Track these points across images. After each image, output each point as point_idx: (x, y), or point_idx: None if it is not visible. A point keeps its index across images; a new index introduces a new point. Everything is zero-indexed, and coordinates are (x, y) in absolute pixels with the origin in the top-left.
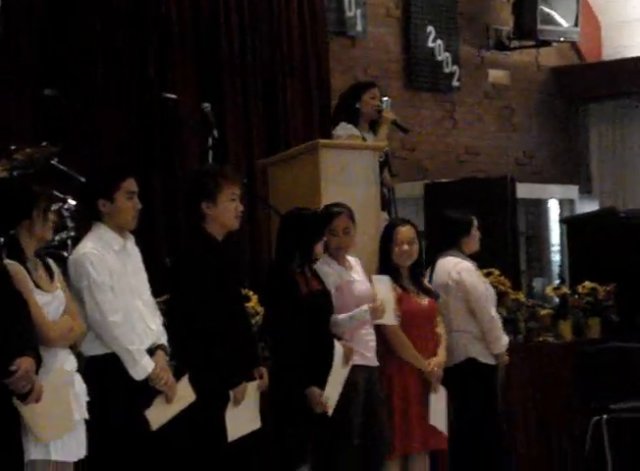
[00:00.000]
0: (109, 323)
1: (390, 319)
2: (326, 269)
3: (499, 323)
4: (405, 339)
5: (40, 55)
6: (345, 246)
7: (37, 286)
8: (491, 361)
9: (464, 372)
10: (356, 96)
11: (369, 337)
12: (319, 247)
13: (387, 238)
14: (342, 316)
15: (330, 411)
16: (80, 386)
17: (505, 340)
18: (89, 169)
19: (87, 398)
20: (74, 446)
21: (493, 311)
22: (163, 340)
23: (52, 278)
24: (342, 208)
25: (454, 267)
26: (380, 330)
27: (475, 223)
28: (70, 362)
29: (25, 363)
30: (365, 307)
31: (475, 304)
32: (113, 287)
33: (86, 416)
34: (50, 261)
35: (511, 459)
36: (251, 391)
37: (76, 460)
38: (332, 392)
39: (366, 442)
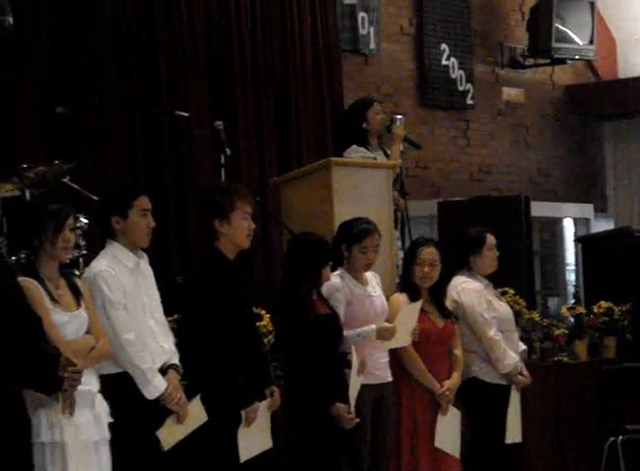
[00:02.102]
0: (122, 341)
1: (401, 342)
2: (338, 282)
3: (499, 344)
4: (418, 358)
5: (51, 73)
6: (371, 262)
7: (56, 304)
8: (498, 381)
9: (468, 391)
10: (361, 115)
11: (379, 353)
12: (327, 271)
13: (410, 257)
14: (348, 332)
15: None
16: (100, 406)
17: (510, 359)
18: (101, 187)
19: (110, 419)
20: (95, 466)
21: (491, 333)
22: (175, 359)
23: (78, 298)
24: (371, 225)
25: (456, 287)
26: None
27: (489, 241)
28: (90, 383)
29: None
30: (373, 327)
31: (473, 326)
32: (126, 306)
33: (108, 436)
34: (78, 281)
35: None
36: (263, 410)
37: None
38: (351, 401)
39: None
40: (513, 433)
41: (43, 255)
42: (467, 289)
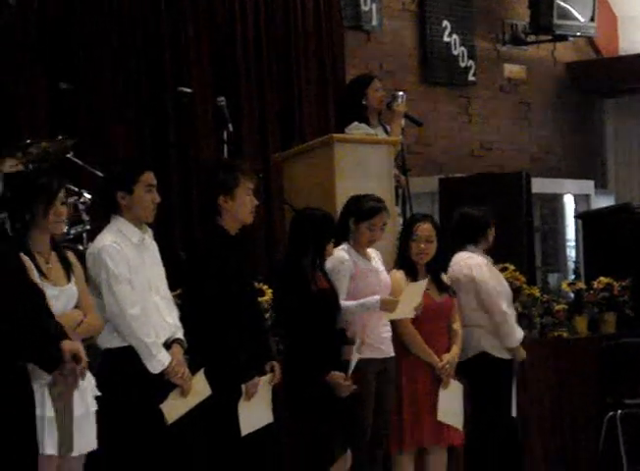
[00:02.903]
0: (127, 316)
1: (404, 313)
2: (344, 256)
3: (511, 318)
4: (417, 333)
5: (55, 48)
6: (376, 240)
7: (45, 278)
8: (505, 355)
9: (477, 366)
10: (360, 92)
11: (383, 328)
12: (330, 247)
13: (406, 233)
14: (352, 302)
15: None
16: (86, 381)
17: (518, 334)
18: (104, 162)
19: (97, 393)
20: (78, 441)
21: (504, 306)
22: (179, 334)
23: (68, 272)
24: (382, 203)
25: (465, 262)
26: (392, 323)
27: (493, 223)
28: None
29: (68, 345)
30: (377, 297)
31: (485, 299)
32: (131, 281)
33: (92, 410)
34: (70, 255)
35: (526, 453)
36: (264, 385)
37: (84, 453)
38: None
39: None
40: (513, 406)
41: (34, 229)
42: (478, 264)
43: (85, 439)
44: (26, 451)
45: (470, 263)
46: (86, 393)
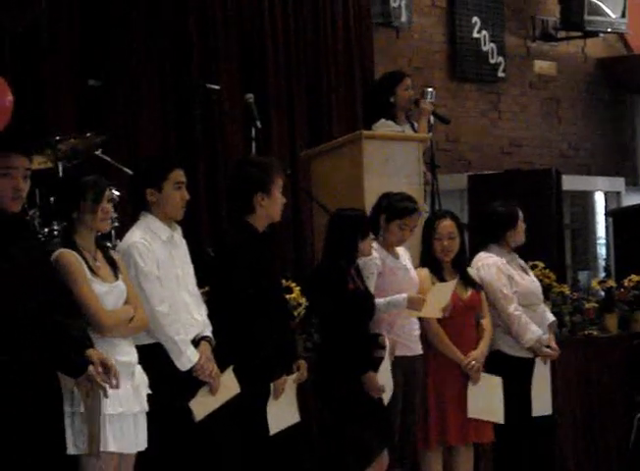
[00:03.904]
0: (155, 313)
1: (432, 313)
2: (373, 254)
3: (519, 319)
4: (442, 331)
5: (84, 46)
6: (405, 240)
7: (96, 275)
8: (523, 354)
9: (493, 364)
10: (390, 90)
11: (412, 326)
12: (366, 245)
13: (428, 231)
14: (379, 300)
15: (386, 400)
16: (140, 377)
17: (530, 334)
18: (133, 160)
19: (149, 391)
20: (133, 438)
21: (510, 308)
22: (208, 331)
23: (115, 269)
24: (415, 204)
25: (477, 263)
26: (419, 321)
27: (521, 215)
28: (130, 354)
29: (95, 355)
30: (404, 295)
31: (493, 301)
32: (160, 278)
33: (147, 408)
34: (113, 252)
35: (555, 452)
36: (290, 384)
37: (135, 452)
38: (385, 382)
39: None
40: (541, 405)
41: (81, 227)
42: (487, 265)
43: (139, 437)
44: (50, 449)
45: (482, 264)
46: (141, 391)
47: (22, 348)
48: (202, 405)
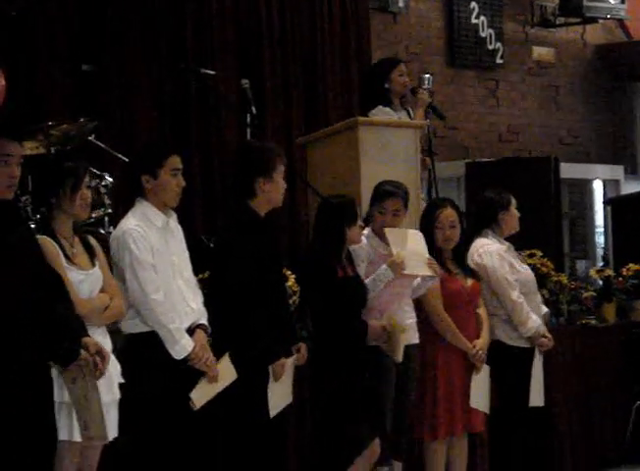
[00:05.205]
0: (150, 301)
1: (421, 269)
2: (362, 241)
3: (522, 306)
4: (450, 321)
5: (78, 30)
6: (389, 226)
7: (72, 263)
8: (521, 344)
9: (492, 354)
10: (385, 76)
11: (405, 314)
12: (354, 233)
13: (428, 220)
14: (366, 280)
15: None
16: (113, 367)
17: (531, 323)
18: (127, 145)
19: (121, 380)
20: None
21: (513, 295)
22: (203, 319)
23: (91, 256)
24: (397, 189)
25: (478, 250)
26: (424, 311)
27: (513, 202)
28: (103, 343)
29: (92, 342)
30: (384, 266)
31: (495, 288)
32: (155, 265)
33: (117, 397)
34: (91, 239)
35: (553, 441)
36: (289, 366)
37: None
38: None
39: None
40: (536, 396)
41: (59, 213)
42: (489, 252)
43: (111, 426)
44: (44, 436)
45: (483, 251)
46: (113, 380)
47: (17, 338)
48: (202, 394)
